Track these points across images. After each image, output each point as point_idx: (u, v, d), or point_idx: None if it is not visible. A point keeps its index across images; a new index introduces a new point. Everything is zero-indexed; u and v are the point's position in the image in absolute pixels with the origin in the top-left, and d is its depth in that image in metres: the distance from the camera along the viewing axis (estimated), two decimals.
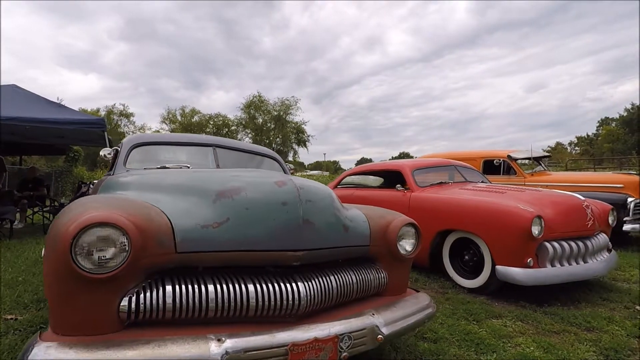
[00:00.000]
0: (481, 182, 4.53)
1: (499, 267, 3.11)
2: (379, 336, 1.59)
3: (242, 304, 1.45)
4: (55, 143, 8.86)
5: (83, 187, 6.86)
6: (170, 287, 1.39)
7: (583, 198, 3.54)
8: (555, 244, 3.09)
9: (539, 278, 3.00)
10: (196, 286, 1.43)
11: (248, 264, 1.54)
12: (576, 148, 55.33)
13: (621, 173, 6.34)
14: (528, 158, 7.02)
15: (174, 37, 79.39)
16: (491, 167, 7.00)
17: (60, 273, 1.28)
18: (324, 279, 1.64)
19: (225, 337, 1.32)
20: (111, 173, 2.71)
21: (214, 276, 1.49)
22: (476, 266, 3.41)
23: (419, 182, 4.23)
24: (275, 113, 32.23)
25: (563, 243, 3.14)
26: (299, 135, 32.80)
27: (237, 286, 1.47)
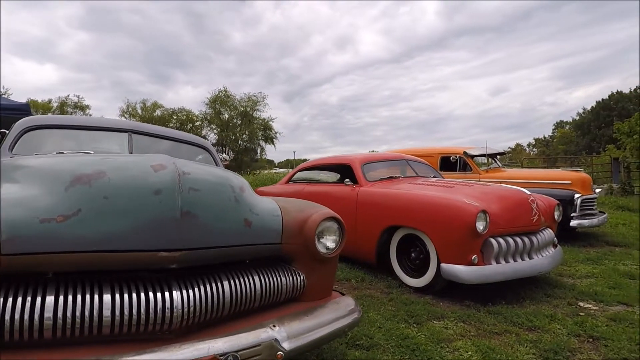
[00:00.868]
0: (432, 177, 4.38)
1: (444, 265, 2.94)
2: (279, 353, 1.31)
3: (92, 320, 1.13)
4: None
5: None
6: None
7: (529, 192, 3.45)
8: (500, 240, 2.96)
9: (484, 276, 2.87)
10: (29, 298, 1.09)
11: (111, 268, 1.21)
12: (534, 149, 58.14)
13: (570, 170, 6.48)
14: (483, 155, 7.09)
15: (140, 28, 75.92)
16: (448, 164, 7.03)
17: None
18: (213, 285, 1.34)
19: None
20: None
21: (59, 284, 1.16)
22: (422, 264, 3.23)
23: (369, 177, 4.02)
24: (242, 109, 31.27)
25: (508, 239, 3.02)
26: (267, 132, 32.02)
27: (88, 296, 1.14)
